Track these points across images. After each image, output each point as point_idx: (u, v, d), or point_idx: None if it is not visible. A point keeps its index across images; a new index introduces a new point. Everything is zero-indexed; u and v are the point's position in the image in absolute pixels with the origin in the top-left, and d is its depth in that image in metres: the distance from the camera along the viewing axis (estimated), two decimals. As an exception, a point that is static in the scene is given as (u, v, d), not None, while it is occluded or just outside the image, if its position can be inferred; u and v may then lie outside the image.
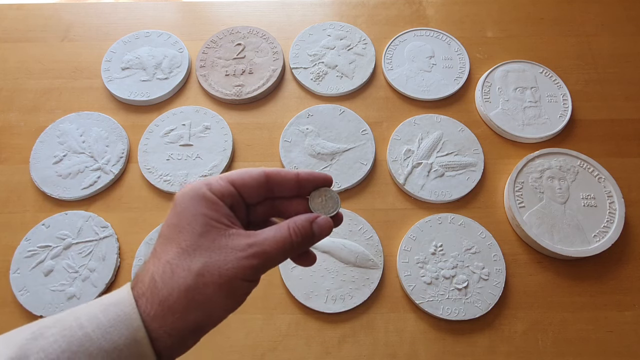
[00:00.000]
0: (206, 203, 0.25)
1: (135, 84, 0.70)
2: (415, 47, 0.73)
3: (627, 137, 0.65)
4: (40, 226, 0.59)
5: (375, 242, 0.58)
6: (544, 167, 0.61)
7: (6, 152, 0.66)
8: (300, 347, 0.53)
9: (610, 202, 0.59)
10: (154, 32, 0.75)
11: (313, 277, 0.56)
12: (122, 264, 0.58)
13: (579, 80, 0.70)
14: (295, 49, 0.73)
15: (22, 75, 0.72)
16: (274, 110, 0.69)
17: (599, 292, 0.55)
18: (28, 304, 0.55)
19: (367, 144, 0.64)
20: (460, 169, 0.62)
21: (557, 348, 0.52)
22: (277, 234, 0.26)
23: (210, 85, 0.69)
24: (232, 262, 0.24)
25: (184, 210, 0.25)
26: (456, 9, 0.77)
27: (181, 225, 0.25)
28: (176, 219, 0.25)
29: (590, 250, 0.56)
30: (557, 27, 0.75)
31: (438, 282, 0.55)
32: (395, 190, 0.62)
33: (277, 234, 0.26)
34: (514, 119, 0.66)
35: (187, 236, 0.24)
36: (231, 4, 0.79)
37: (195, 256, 0.24)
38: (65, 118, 0.67)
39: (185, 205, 0.25)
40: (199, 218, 0.25)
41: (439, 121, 0.66)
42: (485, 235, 0.58)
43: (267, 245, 0.25)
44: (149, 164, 0.63)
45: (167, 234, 0.25)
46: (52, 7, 0.79)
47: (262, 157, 0.65)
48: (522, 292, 0.56)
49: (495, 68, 0.70)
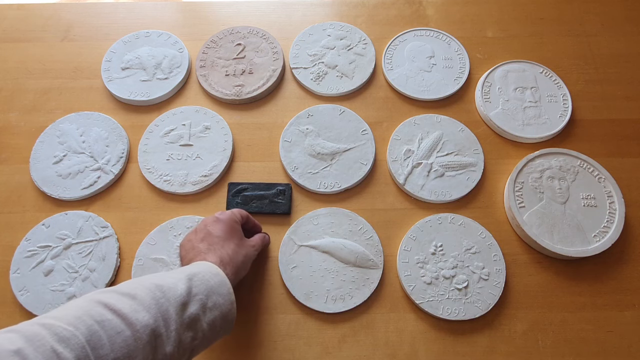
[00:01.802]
0: (237, 225, 0.52)
1: (135, 84, 0.70)
2: (415, 47, 0.73)
3: (627, 137, 0.65)
4: (40, 226, 0.59)
5: (375, 242, 0.58)
6: (544, 167, 0.61)
7: (6, 152, 0.66)
8: (300, 347, 0.53)
9: (610, 202, 0.59)
10: (154, 32, 0.75)
11: (313, 277, 0.56)
12: (122, 264, 0.58)
13: (579, 80, 0.70)
14: (295, 49, 0.73)
15: (22, 75, 0.72)
16: (274, 110, 0.69)
17: (599, 292, 0.56)
18: (28, 304, 0.55)
19: (367, 144, 0.64)
20: (460, 169, 0.62)
21: (557, 348, 0.53)
22: (260, 238, 0.54)
23: (210, 85, 0.69)
24: (251, 250, 0.51)
25: (232, 225, 0.50)
26: (456, 9, 0.77)
27: (231, 232, 0.50)
28: (228, 228, 0.49)
29: (590, 250, 0.56)
30: (557, 27, 0.75)
31: (438, 282, 0.55)
32: (395, 190, 0.62)
33: (260, 238, 0.54)
34: (514, 119, 0.66)
35: (237, 239, 0.50)
36: (231, 4, 0.79)
37: (241, 247, 0.50)
38: (65, 118, 0.67)
39: (231, 223, 0.50)
40: (238, 232, 0.51)
41: (439, 121, 0.66)
42: (485, 235, 0.58)
43: (258, 242, 0.53)
44: (149, 164, 0.63)
45: (223, 236, 0.49)
46: (52, 7, 0.79)
47: (262, 157, 0.65)
48: (522, 292, 0.56)
49: (495, 68, 0.70)
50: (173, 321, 0.37)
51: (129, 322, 0.35)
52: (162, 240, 0.58)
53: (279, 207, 0.60)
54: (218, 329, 0.42)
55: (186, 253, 0.48)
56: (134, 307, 0.36)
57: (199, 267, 0.43)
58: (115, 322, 0.34)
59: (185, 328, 0.38)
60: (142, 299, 0.37)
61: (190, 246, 0.48)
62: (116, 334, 0.34)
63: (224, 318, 0.42)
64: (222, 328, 0.42)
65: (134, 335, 0.34)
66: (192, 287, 0.40)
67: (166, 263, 0.57)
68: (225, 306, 0.42)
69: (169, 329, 0.37)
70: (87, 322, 0.33)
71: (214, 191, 0.63)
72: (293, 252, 0.58)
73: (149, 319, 0.35)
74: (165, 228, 0.59)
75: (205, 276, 0.42)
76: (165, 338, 0.36)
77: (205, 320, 0.40)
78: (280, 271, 0.56)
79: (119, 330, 0.34)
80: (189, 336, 0.38)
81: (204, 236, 0.48)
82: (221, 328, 0.42)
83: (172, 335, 0.37)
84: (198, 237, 0.49)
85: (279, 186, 0.61)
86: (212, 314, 0.41)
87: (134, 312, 0.35)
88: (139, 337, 0.34)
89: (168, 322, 0.37)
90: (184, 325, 0.38)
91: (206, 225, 0.50)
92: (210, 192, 0.63)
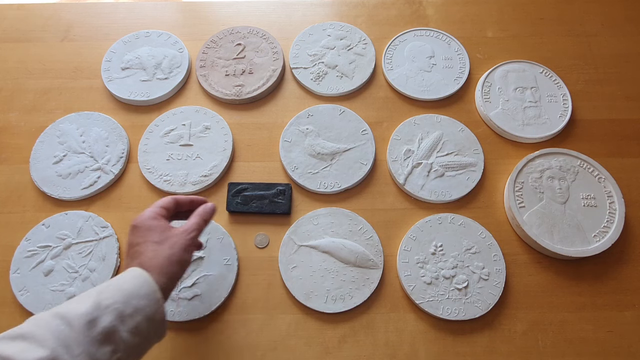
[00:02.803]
0: (156, 221, 0.47)
1: (135, 84, 0.70)
2: (415, 47, 0.73)
3: (627, 137, 0.65)
4: (40, 226, 0.59)
5: (375, 242, 0.58)
6: (544, 167, 0.61)
7: (6, 152, 0.66)
8: (300, 347, 0.53)
9: (610, 202, 0.59)
10: (154, 32, 0.75)
11: (313, 277, 0.56)
12: (122, 264, 0.58)
13: (579, 80, 0.70)
14: (295, 49, 0.73)
15: (22, 75, 0.72)
16: (274, 110, 0.69)
17: (599, 292, 0.56)
18: (28, 304, 0.55)
19: (367, 144, 0.64)
20: (460, 169, 0.62)
21: (557, 348, 0.53)
22: (195, 218, 0.48)
23: (210, 85, 0.69)
24: (180, 239, 0.46)
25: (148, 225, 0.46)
26: (456, 9, 0.77)
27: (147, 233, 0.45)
28: (143, 230, 0.45)
29: (590, 250, 0.56)
30: (557, 27, 0.75)
31: (438, 282, 0.55)
32: (395, 190, 0.62)
33: (195, 218, 0.48)
34: (514, 119, 0.66)
35: (155, 237, 0.45)
36: (231, 4, 0.79)
37: (161, 244, 0.45)
38: (65, 118, 0.67)
39: (147, 223, 0.46)
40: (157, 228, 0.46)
41: (439, 121, 0.66)
42: (485, 235, 0.58)
43: (192, 224, 0.47)
44: (149, 164, 0.63)
45: (140, 241, 0.44)
46: (52, 7, 0.79)
47: (262, 157, 0.65)
48: (522, 292, 0.56)
49: (495, 68, 0.70)
50: (78, 344, 0.35)
51: None
52: (162, 240, 0.58)
53: (279, 207, 0.60)
54: (146, 334, 0.40)
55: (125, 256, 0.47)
56: (23, 347, 0.34)
57: (116, 278, 0.42)
58: None
59: (99, 344, 0.36)
60: (35, 335, 0.35)
61: (123, 264, 0.47)
62: None
63: (150, 320, 0.40)
64: (150, 331, 0.40)
65: None
66: (101, 301, 0.38)
67: (166, 263, 0.57)
68: (150, 307, 0.40)
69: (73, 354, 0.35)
70: None
71: (214, 191, 0.63)
72: (293, 252, 0.58)
73: (42, 354, 0.34)
74: (165, 228, 0.59)
75: (120, 284, 0.40)
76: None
77: (125, 329, 0.38)
78: (280, 271, 0.56)
79: None
80: (106, 351, 0.37)
81: (127, 249, 0.46)
82: (149, 332, 0.40)
83: (80, 358, 0.35)
84: (127, 252, 0.47)
85: (279, 186, 0.61)
86: (134, 320, 0.39)
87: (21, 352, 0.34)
88: None
89: (70, 347, 0.35)
90: (96, 343, 0.36)
91: (128, 235, 0.48)
92: (210, 192, 0.63)
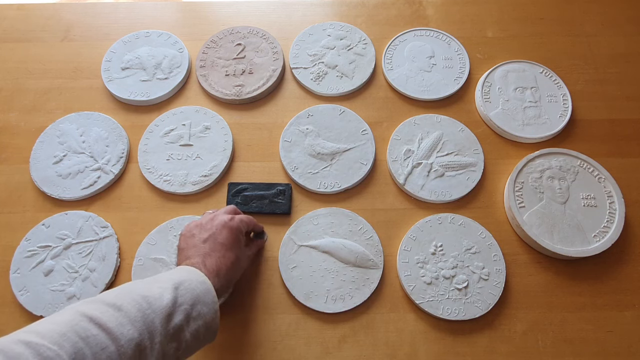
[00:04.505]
0: (242, 236, 0.52)
1: (135, 84, 0.70)
2: (415, 47, 0.73)
3: (627, 137, 0.65)
4: (40, 226, 0.59)
5: (375, 242, 0.58)
6: (544, 167, 0.61)
7: (6, 152, 0.66)
8: (300, 347, 0.53)
9: (610, 202, 0.59)
10: (154, 32, 0.75)
11: (313, 277, 0.56)
12: (122, 264, 0.58)
13: (579, 80, 0.70)
14: (295, 49, 0.73)
15: (22, 75, 0.72)
16: (274, 110, 0.69)
17: (599, 292, 0.56)
18: (28, 304, 0.55)
19: (367, 144, 0.64)
20: (460, 169, 0.62)
21: (557, 348, 0.53)
22: (256, 246, 0.56)
23: (210, 85, 0.69)
24: (247, 261, 0.53)
25: (237, 236, 0.50)
26: (456, 9, 0.77)
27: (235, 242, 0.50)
28: (233, 238, 0.49)
29: (590, 250, 0.56)
30: (557, 27, 0.75)
31: (438, 282, 0.55)
32: (395, 190, 0.62)
33: (256, 246, 0.56)
34: (514, 119, 0.66)
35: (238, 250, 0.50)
36: (231, 4, 0.79)
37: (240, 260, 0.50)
38: (65, 118, 0.67)
39: (237, 233, 0.50)
40: (241, 242, 0.51)
41: (439, 121, 0.66)
42: (485, 235, 0.58)
43: (254, 251, 0.55)
44: (149, 164, 0.63)
45: (227, 245, 0.48)
46: (52, 7, 0.79)
47: (262, 157, 0.65)
48: (522, 292, 0.56)
49: (495, 68, 0.70)
50: (158, 333, 0.37)
51: (114, 337, 0.35)
52: (162, 241, 0.58)
53: (279, 207, 0.60)
54: (201, 339, 0.42)
55: (186, 246, 0.48)
56: (119, 320, 0.36)
57: (187, 275, 0.43)
58: (100, 337, 0.34)
59: (169, 339, 0.38)
60: (128, 311, 0.37)
61: (192, 242, 0.48)
62: (100, 350, 0.34)
63: (207, 328, 0.42)
64: (205, 337, 0.42)
65: (118, 351, 0.34)
66: (177, 297, 0.40)
67: (166, 263, 0.57)
68: (209, 315, 0.42)
69: (154, 342, 0.37)
70: (72, 339, 0.33)
71: (214, 191, 0.63)
72: (293, 252, 0.58)
73: (133, 333, 0.36)
74: (165, 228, 0.59)
75: (191, 284, 0.42)
76: (150, 351, 0.36)
77: (189, 330, 0.40)
78: (280, 271, 0.56)
79: (104, 346, 0.34)
80: (172, 347, 0.39)
81: (208, 237, 0.48)
82: (204, 337, 0.42)
83: (157, 347, 0.37)
84: (202, 235, 0.48)
85: (279, 186, 0.61)
86: (196, 324, 0.41)
87: (119, 325, 0.35)
88: (123, 352, 0.35)
89: (153, 334, 0.37)
90: (168, 337, 0.38)
91: (213, 225, 0.49)
92: (210, 192, 0.63)
